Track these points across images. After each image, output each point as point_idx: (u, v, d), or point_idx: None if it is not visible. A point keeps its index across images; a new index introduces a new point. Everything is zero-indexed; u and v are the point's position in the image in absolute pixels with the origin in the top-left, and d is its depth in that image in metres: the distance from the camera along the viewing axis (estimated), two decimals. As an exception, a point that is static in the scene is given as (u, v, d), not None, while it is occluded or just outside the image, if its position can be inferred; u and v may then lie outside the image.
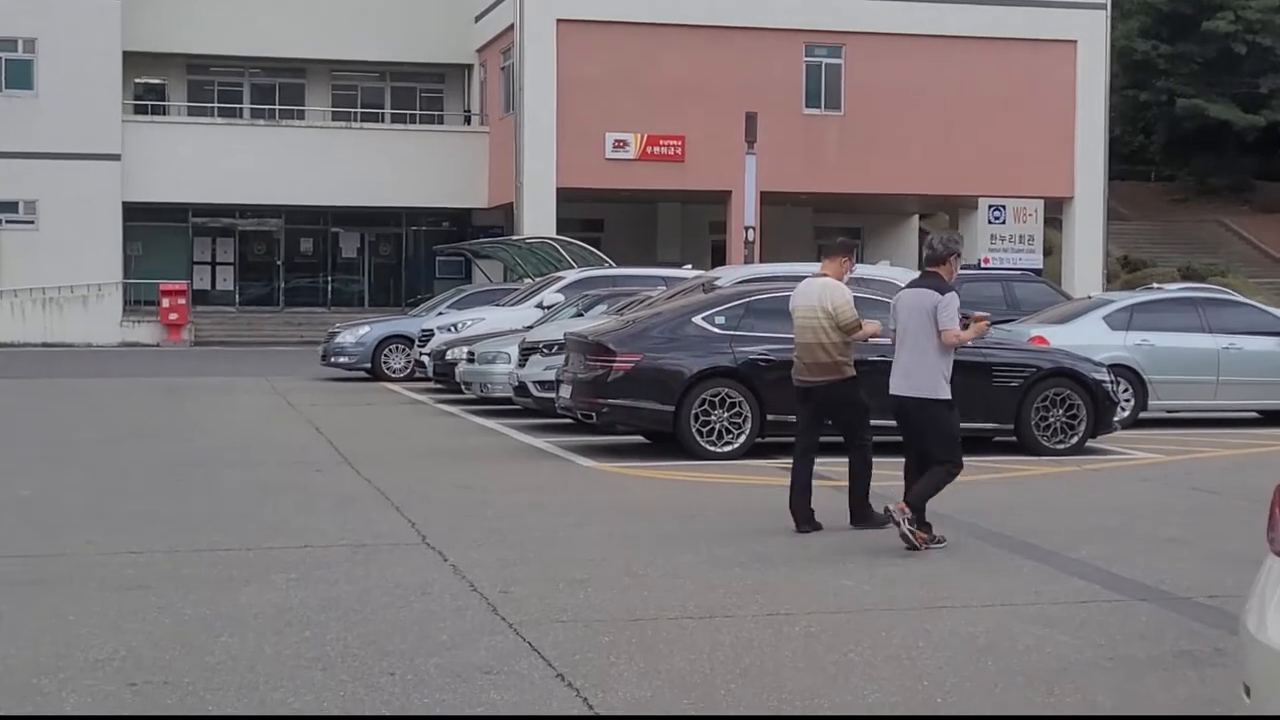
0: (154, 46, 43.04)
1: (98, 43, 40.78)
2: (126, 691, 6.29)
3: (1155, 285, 40.44)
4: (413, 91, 46.90)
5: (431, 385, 23.69)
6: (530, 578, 8.71)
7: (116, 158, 41.10)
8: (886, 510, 9.68)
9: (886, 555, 9.44)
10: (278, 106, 45.50)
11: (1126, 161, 58.94)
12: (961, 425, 15.04)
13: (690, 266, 26.60)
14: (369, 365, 26.43)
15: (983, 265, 29.87)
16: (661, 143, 39.15)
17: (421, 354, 24.15)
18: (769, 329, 14.75)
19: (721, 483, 12.96)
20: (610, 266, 29.15)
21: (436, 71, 46.73)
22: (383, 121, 45.43)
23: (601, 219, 44.02)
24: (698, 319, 14.87)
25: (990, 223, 30.75)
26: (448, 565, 9.07)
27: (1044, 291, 24.50)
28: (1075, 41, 41.09)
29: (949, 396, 9.78)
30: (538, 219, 38.62)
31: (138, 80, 44.38)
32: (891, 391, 9.88)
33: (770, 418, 14.48)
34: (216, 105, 45.18)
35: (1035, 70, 40.77)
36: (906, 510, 9.47)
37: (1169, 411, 18.46)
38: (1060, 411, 15.16)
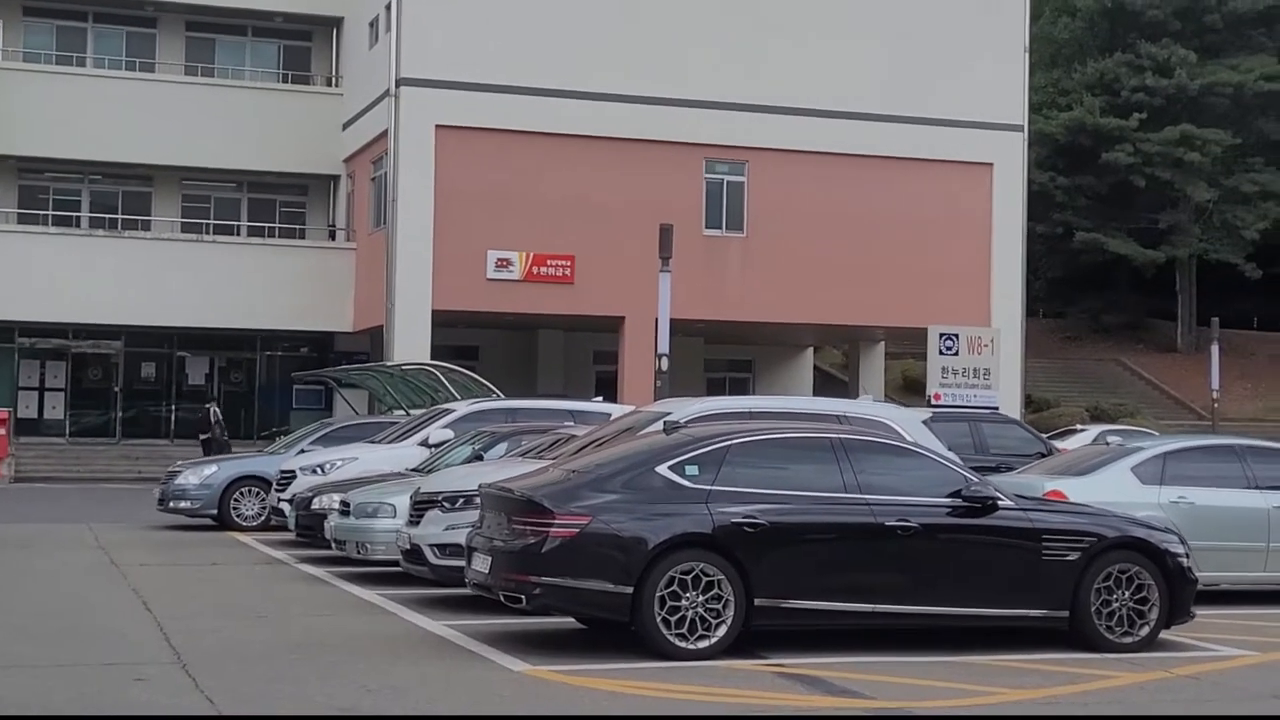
0: (-19, 147, 38.72)
1: (-84, 141, 36.43)
2: None
3: (1079, 427, 37.87)
4: (272, 203, 42.84)
5: (291, 538, 19.58)
6: None
7: (-67, 269, 36.59)
8: None
9: None
10: (120, 216, 41.16)
11: (1014, 297, 56.89)
12: (1003, 612, 11.73)
13: (601, 399, 23.05)
14: (215, 511, 22.38)
15: (934, 402, 26.60)
16: (549, 263, 35.54)
17: (280, 500, 20.09)
18: (756, 481, 11.16)
19: (717, 703, 9.18)
20: (500, 398, 25.38)
21: (299, 182, 42.83)
22: (238, 235, 41.31)
23: (476, 346, 40.35)
24: (662, 468, 11.10)
25: (941, 353, 27.49)
26: None
27: (1015, 432, 21.13)
28: (991, 165, 38.45)
29: None
30: (410, 344, 34.66)
31: (-39, 185, 39.93)
32: None
33: (759, 602, 10.80)
34: (51, 213, 40.64)
35: (949, 194, 37.98)
36: None
37: (1207, 585, 15.02)
38: (1127, 594, 11.64)
